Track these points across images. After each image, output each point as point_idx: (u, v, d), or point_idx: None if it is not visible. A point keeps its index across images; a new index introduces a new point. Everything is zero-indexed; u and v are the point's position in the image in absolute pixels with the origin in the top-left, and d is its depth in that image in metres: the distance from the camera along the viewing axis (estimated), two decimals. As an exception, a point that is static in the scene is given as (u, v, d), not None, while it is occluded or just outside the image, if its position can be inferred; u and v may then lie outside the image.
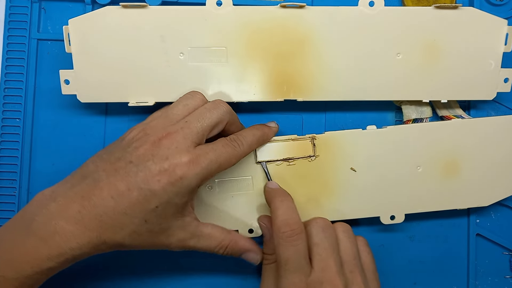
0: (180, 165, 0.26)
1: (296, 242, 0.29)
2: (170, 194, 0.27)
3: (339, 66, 0.35)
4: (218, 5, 0.34)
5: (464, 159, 0.36)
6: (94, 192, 0.26)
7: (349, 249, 0.31)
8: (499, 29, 0.35)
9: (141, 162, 0.27)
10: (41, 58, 0.38)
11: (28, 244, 0.26)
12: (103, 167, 0.27)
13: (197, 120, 0.29)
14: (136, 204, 0.26)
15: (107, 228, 0.26)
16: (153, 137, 0.28)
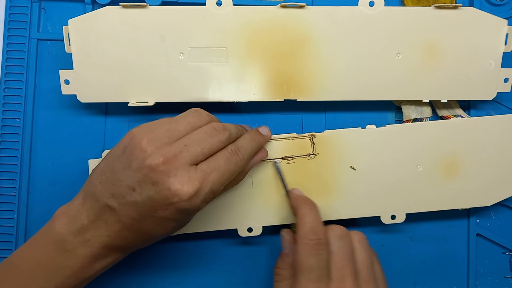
0: (184, 199, 0.26)
1: (321, 252, 0.29)
2: (182, 218, 0.28)
3: (339, 66, 0.35)
4: (218, 5, 0.34)
5: (464, 158, 0.36)
6: (114, 219, 0.28)
7: (364, 259, 0.30)
8: (499, 29, 0.35)
9: (144, 191, 0.26)
10: (41, 58, 0.38)
11: (70, 263, 0.28)
12: (110, 191, 0.28)
13: (197, 144, 0.28)
14: (154, 228, 0.28)
15: (137, 244, 0.29)
16: (150, 161, 0.26)
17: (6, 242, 0.37)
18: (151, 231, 0.28)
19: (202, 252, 0.38)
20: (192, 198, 0.26)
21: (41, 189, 0.38)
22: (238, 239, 0.36)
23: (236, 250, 0.38)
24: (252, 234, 0.35)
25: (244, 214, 0.35)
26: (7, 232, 0.37)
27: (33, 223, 0.37)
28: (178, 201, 0.26)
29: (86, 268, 0.28)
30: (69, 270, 0.28)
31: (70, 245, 0.28)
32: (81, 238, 0.28)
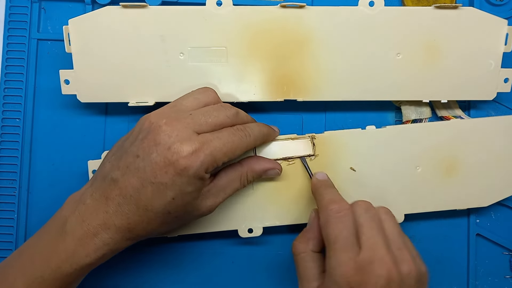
0: (182, 156, 0.26)
1: (345, 218, 0.29)
2: (180, 184, 0.27)
3: (339, 66, 0.35)
4: (218, 5, 0.34)
5: (463, 159, 0.36)
6: (115, 192, 0.27)
7: (393, 227, 0.30)
8: (499, 29, 0.35)
9: (146, 155, 0.27)
10: (41, 58, 0.38)
11: (65, 245, 0.27)
12: (117, 165, 0.28)
13: (202, 115, 0.29)
14: (153, 199, 0.27)
15: (135, 224, 0.28)
16: (154, 125, 0.28)
17: (6, 242, 0.37)
18: (150, 204, 0.27)
19: (202, 252, 0.38)
20: (191, 157, 0.26)
21: (41, 189, 0.38)
22: (238, 239, 0.36)
23: (236, 250, 0.38)
24: (252, 235, 0.35)
25: (244, 215, 0.35)
26: (7, 232, 0.37)
27: (33, 223, 0.37)
28: (177, 158, 0.26)
29: (80, 251, 0.27)
30: (65, 252, 0.27)
31: (69, 225, 0.28)
32: (80, 218, 0.28)
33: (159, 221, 0.28)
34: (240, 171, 0.31)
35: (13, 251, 0.37)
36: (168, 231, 0.30)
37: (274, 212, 0.35)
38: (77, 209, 0.28)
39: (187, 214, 0.29)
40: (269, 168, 0.33)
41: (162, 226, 0.29)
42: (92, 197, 0.28)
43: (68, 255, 0.27)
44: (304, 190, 0.35)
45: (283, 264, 0.38)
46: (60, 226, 0.28)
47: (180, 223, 0.30)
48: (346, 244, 0.28)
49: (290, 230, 0.38)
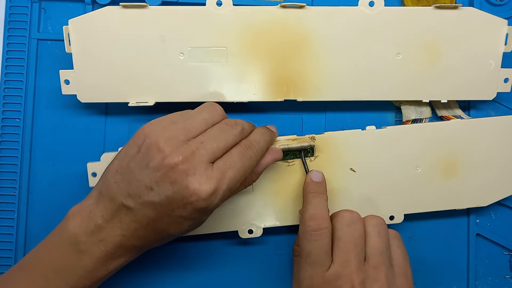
0: (203, 198, 0.26)
1: (319, 237, 0.29)
2: (199, 217, 0.28)
3: (339, 66, 0.35)
4: (218, 5, 0.34)
5: (463, 159, 0.36)
6: (130, 218, 0.27)
7: (376, 244, 0.30)
8: (499, 29, 0.35)
9: (162, 191, 0.26)
10: (41, 58, 0.38)
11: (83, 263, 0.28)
12: (127, 191, 0.27)
13: (213, 140, 0.28)
14: (170, 227, 0.27)
15: (152, 243, 0.29)
16: (168, 160, 0.26)
17: (6, 242, 0.37)
18: (167, 230, 0.28)
19: (202, 252, 0.38)
20: (211, 197, 0.26)
21: (41, 189, 0.38)
22: (238, 239, 0.36)
23: (236, 250, 0.38)
24: (252, 236, 0.35)
25: (244, 216, 0.35)
26: (7, 232, 0.37)
27: (33, 223, 0.37)
28: (197, 200, 0.26)
29: (100, 268, 0.28)
30: (83, 270, 0.28)
31: (84, 245, 0.27)
32: (95, 238, 0.27)
33: (173, 238, 0.29)
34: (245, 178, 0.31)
35: (13, 251, 0.37)
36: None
37: (274, 213, 0.35)
38: (88, 227, 0.28)
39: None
40: (269, 162, 0.32)
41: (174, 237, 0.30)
42: (103, 218, 0.28)
43: (86, 271, 0.28)
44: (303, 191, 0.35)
45: (283, 264, 0.38)
46: (71, 244, 0.28)
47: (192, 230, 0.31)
48: (316, 260, 0.29)
49: (289, 230, 0.38)
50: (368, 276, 0.28)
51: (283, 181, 0.35)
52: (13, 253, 0.37)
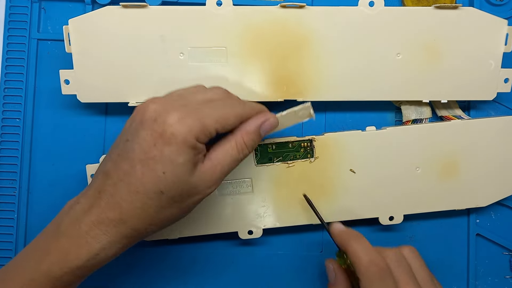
0: (169, 124, 0.25)
1: (387, 282, 0.28)
2: (169, 154, 0.25)
3: (339, 66, 0.35)
4: (218, 5, 0.34)
5: (463, 159, 0.36)
6: (107, 182, 0.26)
7: (425, 276, 0.30)
8: (499, 29, 0.35)
9: (135, 136, 0.25)
10: (41, 58, 0.38)
11: (58, 245, 0.26)
12: (109, 158, 0.27)
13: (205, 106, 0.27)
14: (143, 178, 0.25)
15: (129, 214, 0.26)
16: (143, 107, 0.26)
17: (6, 242, 0.37)
18: (141, 186, 0.25)
19: (201, 253, 0.38)
20: (178, 123, 0.25)
21: (41, 189, 0.38)
22: (237, 240, 0.36)
23: (236, 250, 0.38)
24: (252, 237, 0.35)
25: (244, 217, 0.35)
26: (7, 232, 0.37)
27: (33, 223, 0.37)
28: (163, 128, 0.25)
29: (72, 253, 0.25)
30: (57, 254, 0.25)
31: (64, 226, 0.26)
32: (73, 217, 0.26)
33: (153, 206, 0.26)
34: (233, 138, 0.28)
35: (13, 251, 0.37)
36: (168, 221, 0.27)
37: (274, 213, 0.35)
38: (72, 208, 0.27)
39: (185, 196, 0.26)
40: (262, 121, 0.29)
41: (158, 213, 0.26)
42: (86, 195, 0.27)
43: (60, 256, 0.25)
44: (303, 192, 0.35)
45: (283, 264, 0.38)
46: (54, 229, 0.27)
47: (179, 210, 0.27)
48: None
49: (289, 230, 0.38)
50: None
51: (283, 181, 0.35)
52: (13, 253, 0.37)
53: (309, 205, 0.34)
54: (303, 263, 0.38)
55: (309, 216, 0.35)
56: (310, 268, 0.38)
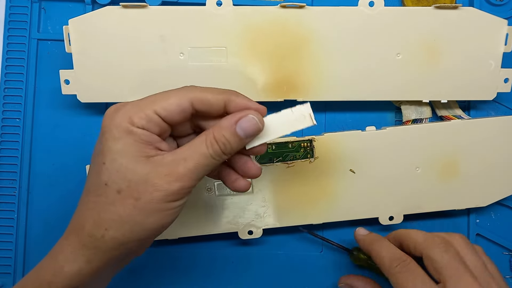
0: (107, 114, 0.24)
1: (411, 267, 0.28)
2: (106, 143, 0.24)
3: (339, 66, 0.35)
4: (218, 5, 0.34)
5: (463, 159, 0.36)
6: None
7: (476, 261, 0.28)
8: (499, 29, 0.35)
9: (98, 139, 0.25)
10: (41, 58, 0.38)
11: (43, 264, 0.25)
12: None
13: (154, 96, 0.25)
14: (90, 176, 0.25)
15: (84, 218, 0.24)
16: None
17: (6, 242, 0.37)
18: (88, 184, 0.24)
19: (201, 254, 0.38)
20: (113, 113, 0.24)
21: (41, 189, 0.38)
22: (237, 240, 0.36)
23: (235, 251, 0.38)
24: (252, 237, 0.35)
25: (244, 217, 0.35)
26: (7, 232, 0.37)
27: (33, 223, 0.37)
28: (104, 119, 0.24)
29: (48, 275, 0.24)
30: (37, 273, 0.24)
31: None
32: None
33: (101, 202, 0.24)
34: (205, 133, 0.25)
35: (13, 251, 0.37)
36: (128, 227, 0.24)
37: (274, 214, 0.35)
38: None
39: (137, 190, 0.23)
40: (238, 117, 0.25)
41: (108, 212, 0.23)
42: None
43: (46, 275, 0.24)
44: (303, 192, 0.35)
45: (283, 264, 0.38)
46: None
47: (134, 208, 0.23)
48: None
49: (289, 230, 0.38)
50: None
51: (283, 182, 0.35)
52: (13, 253, 0.37)
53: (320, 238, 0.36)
54: (303, 263, 0.38)
55: (308, 216, 0.35)
56: (310, 268, 0.38)
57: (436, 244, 0.29)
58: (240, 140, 0.25)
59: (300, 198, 0.35)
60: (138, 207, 0.23)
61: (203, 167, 0.24)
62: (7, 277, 0.37)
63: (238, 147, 0.25)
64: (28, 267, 0.37)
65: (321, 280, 0.38)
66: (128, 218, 0.23)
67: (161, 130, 0.25)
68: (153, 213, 0.24)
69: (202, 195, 0.35)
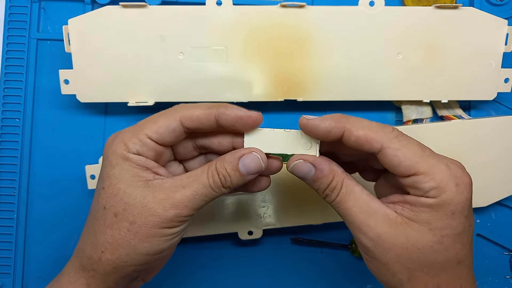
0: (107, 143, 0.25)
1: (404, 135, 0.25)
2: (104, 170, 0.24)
3: (339, 66, 0.35)
4: (218, 4, 0.34)
5: (463, 159, 0.36)
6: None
7: None
8: (499, 29, 0.35)
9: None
10: (41, 58, 0.38)
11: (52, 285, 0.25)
12: None
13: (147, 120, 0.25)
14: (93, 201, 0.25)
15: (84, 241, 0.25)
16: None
17: (6, 242, 0.37)
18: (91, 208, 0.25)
19: (201, 254, 0.38)
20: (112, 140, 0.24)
21: (41, 189, 0.37)
22: (237, 240, 0.36)
23: (235, 251, 0.38)
24: (252, 237, 0.35)
25: (244, 218, 0.35)
26: (7, 232, 0.37)
27: (33, 223, 0.37)
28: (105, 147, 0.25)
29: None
30: None
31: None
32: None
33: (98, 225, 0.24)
34: (208, 164, 0.25)
35: (13, 251, 0.37)
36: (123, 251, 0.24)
37: (274, 214, 0.35)
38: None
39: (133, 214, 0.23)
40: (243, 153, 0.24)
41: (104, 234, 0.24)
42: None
43: None
44: (304, 194, 0.35)
45: (283, 264, 0.38)
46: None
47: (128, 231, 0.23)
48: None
49: (289, 230, 0.38)
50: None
51: (283, 182, 0.35)
52: (12, 253, 0.37)
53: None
54: (303, 263, 0.38)
55: (309, 216, 0.35)
56: (310, 268, 0.38)
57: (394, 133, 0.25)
58: (241, 176, 0.24)
59: (300, 198, 0.35)
60: (132, 230, 0.23)
61: (201, 197, 0.24)
62: (7, 277, 0.37)
63: (238, 183, 0.25)
64: (28, 267, 0.37)
65: (322, 280, 0.38)
66: (122, 241, 0.23)
67: (157, 154, 0.25)
68: (147, 238, 0.24)
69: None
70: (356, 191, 0.24)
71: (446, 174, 0.24)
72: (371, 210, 0.24)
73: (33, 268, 0.37)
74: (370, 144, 0.24)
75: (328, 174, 0.25)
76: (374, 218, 0.23)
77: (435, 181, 0.23)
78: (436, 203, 0.23)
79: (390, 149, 0.23)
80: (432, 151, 0.24)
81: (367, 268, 0.37)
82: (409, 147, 0.24)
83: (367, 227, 0.23)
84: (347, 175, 0.25)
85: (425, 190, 0.23)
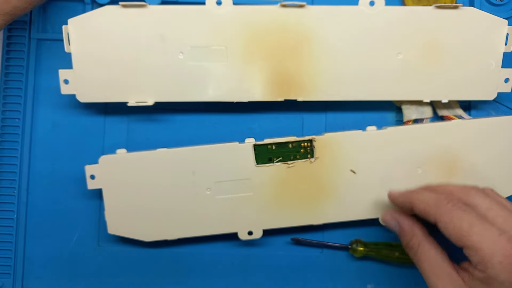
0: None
1: (465, 209, 0.27)
2: None
3: (339, 66, 0.35)
4: (218, 4, 0.34)
5: (463, 159, 0.36)
6: None
7: (498, 210, 0.27)
8: (499, 29, 0.35)
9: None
10: (41, 58, 0.38)
11: None
12: None
13: None
14: None
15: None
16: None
17: (6, 242, 0.37)
18: None
19: (201, 254, 0.38)
20: None
21: (41, 189, 0.37)
22: (237, 241, 0.36)
23: (235, 251, 0.38)
24: (252, 237, 0.35)
25: (244, 217, 0.35)
26: (7, 232, 0.37)
27: (32, 224, 0.37)
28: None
29: None
30: None
31: None
32: None
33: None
34: None
35: (12, 251, 0.37)
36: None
37: (274, 214, 0.35)
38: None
39: None
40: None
41: None
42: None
43: None
44: (304, 193, 0.35)
45: (283, 264, 0.38)
46: None
47: None
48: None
49: (289, 230, 0.38)
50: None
51: (283, 182, 0.35)
52: (12, 253, 0.37)
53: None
54: (303, 263, 0.38)
55: (309, 216, 0.35)
56: (310, 268, 0.38)
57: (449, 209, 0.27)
58: None
59: (300, 198, 0.35)
60: None
61: None
62: (7, 277, 0.37)
63: None
64: (28, 267, 0.37)
65: (322, 281, 0.38)
66: None
67: None
68: None
69: (202, 196, 0.35)
70: (431, 255, 0.29)
71: (490, 250, 0.25)
72: (441, 273, 0.28)
73: (33, 268, 0.37)
74: (428, 218, 0.28)
75: (408, 233, 0.30)
76: (442, 282, 0.27)
77: (479, 256, 0.25)
78: (484, 277, 0.25)
79: (442, 222, 0.27)
80: (485, 221, 0.26)
81: (367, 268, 0.37)
82: (459, 220, 0.26)
83: (435, 287, 0.27)
84: (427, 237, 0.30)
85: (474, 263, 0.25)
